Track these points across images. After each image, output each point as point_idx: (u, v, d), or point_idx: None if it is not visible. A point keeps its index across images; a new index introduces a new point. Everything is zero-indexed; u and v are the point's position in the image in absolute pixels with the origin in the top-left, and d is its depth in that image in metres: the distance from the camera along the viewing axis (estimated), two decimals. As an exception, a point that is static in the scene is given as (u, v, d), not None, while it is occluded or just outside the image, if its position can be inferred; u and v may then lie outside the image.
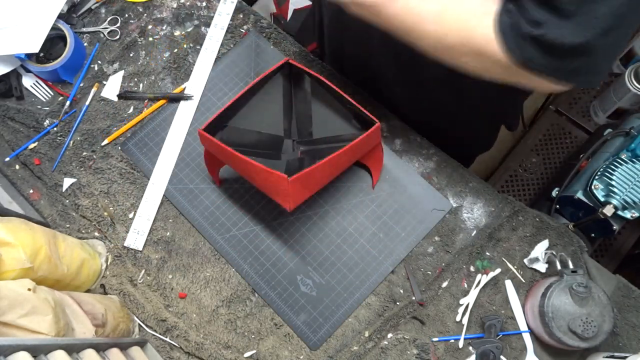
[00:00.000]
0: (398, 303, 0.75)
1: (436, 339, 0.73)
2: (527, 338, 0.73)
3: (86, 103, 0.85)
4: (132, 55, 0.88)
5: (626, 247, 1.24)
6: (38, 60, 0.85)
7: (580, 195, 0.99)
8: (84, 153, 0.83)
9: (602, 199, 0.94)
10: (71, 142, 0.84)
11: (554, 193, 1.06)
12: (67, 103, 0.85)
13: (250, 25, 0.89)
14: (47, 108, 0.85)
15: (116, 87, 0.86)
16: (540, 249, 0.76)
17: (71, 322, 0.58)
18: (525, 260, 0.76)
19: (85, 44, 0.88)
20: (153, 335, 0.75)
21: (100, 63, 0.88)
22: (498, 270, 0.76)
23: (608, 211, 0.91)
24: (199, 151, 0.82)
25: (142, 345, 0.71)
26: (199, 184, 0.81)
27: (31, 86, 0.86)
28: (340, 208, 0.79)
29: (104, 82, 0.87)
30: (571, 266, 0.72)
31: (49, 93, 0.86)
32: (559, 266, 0.73)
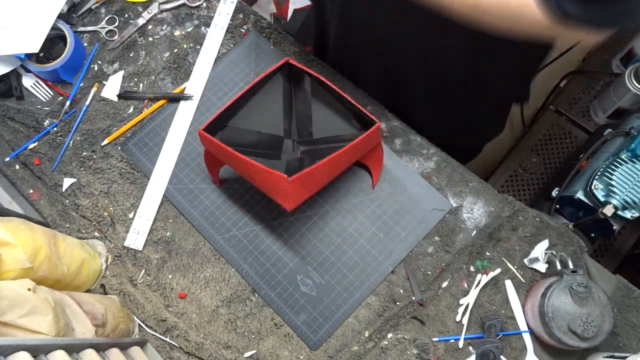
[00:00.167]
0: (398, 303, 0.75)
1: (436, 339, 0.73)
2: (527, 338, 0.73)
3: (86, 103, 0.85)
4: (132, 55, 0.88)
5: (626, 247, 1.24)
6: (38, 60, 0.85)
7: (580, 195, 0.99)
8: (84, 153, 0.83)
9: (602, 199, 0.94)
10: (71, 142, 0.84)
11: (554, 193, 1.06)
12: (67, 103, 0.85)
13: (250, 25, 0.89)
14: (47, 108, 0.85)
15: (116, 87, 0.86)
16: (540, 249, 0.76)
17: (71, 322, 0.58)
18: (525, 260, 0.76)
19: (85, 44, 0.88)
20: (153, 335, 0.75)
21: (100, 63, 0.88)
22: (498, 270, 0.76)
23: (608, 211, 0.91)
24: (199, 151, 0.82)
25: (142, 345, 0.71)
26: (199, 184, 0.81)
27: (31, 86, 0.86)
28: (340, 208, 0.79)
29: (104, 82, 0.87)
30: (571, 266, 0.72)
31: (49, 93, 0.86)
32: (559, 266, 0.73)
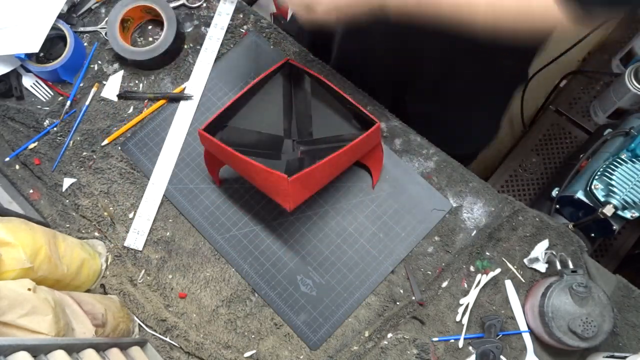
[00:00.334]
0: (398, 303, 0.75)
1: (436, 339, 0.73)
2: (527, 338, 0.73)
3: (86, 103, 0.85)
4: (132, 55, 0.88)
5: (626, 247, 1.24)
6: (38, 60, 0.85)
7: (580, 195, 0.99)
8: (84, 153, 0.83)
9: (602, 199, 0.94)
10: (71, 142, 0.84)
11: (554, 193, 1.06)
12: (67, 103, 0.85)
13: (250, 25, 0.89)
14: (47, 108, 0.85)
15: (116, 87, 0.86)
16: (540, 249, 0.76)
17: (71, 322, 0.58)
18: (525, 260, 0.76)
19: (85, 44, 0.88)
20: (153, 335, 0.75)
21: (100, 63, 0.88)
22: (498, 270, 0.76)
23: (608, 211, 0.91)
24: (199, 151, 0.82)
25: (142, 345, 0.71)
26: (199, 184, 0.81)
27: (31, 86, 0.86)
28: (340, 208, 0.79)
29: (104, 82, 0.87)
30: (571, 266, 0.72)
31: (49, 93, 0.86)
32: (559, 266, 0.73)
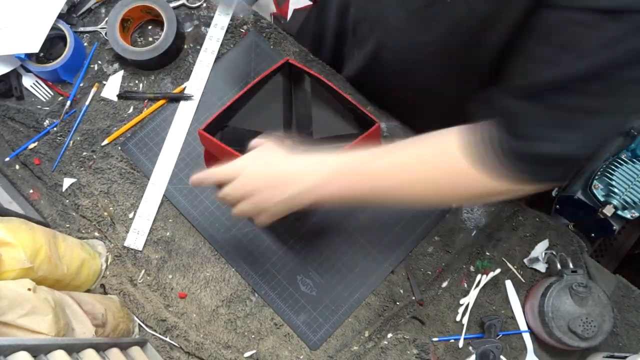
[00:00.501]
0: (398, 303, 0.75)
1: (436, 339, 0.73)
2: (527, 338, 0.73)
3: (86, 103, 0.85)
4: (132, 55, 0.88)
5: (626, 247, 1.24)
6: (38, 60, 0.85)
7: (580, 195, 0.99)
8: (84, 153, 0.83)
9: (602, 199, 0.94)
10: (71, 142, 0.84)
11: (554, 193, 1.06)
12: (67, 103, 0.85)
13: (250, 25, 0.89)
14: (47, 108, 0.85)
15: (116, 87, 0.86)
16: (540, 249, 0.76)
17: (71, 322, 0.58)
18: (525, 260, 0.76)
19: (85, 44, 0.88)
20: (153, 335, 0.75)
21: (100, 63, 0.88)
22: (498, 270, 0.76)
23: (608, 211, 0.91)
24: (199, 151, 0.82)
25: (142, 345, 0.71)
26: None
27: (31, 86, 0.86)
28: (340, 208, 0.79)
29: (104, 82, 0.86)
30: (571, 266, 0.72)
31: (49, 93, 0.86)
32: (559, 266, 0.73)
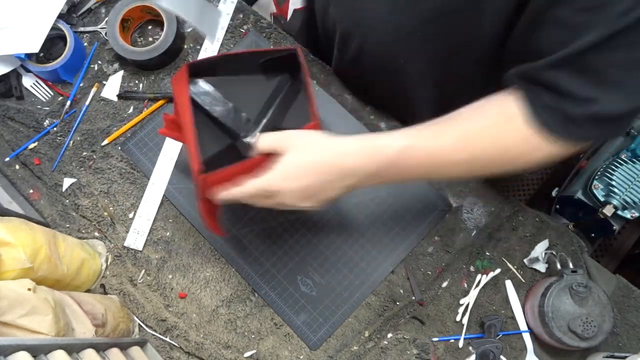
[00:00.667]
0: (398, 303, 0.75)
1: (436, 339, 0.73)
2: (527, 338, 0.73)
3: (86, 103, 0.85)
4: (132, 55, 0.88)
5: (626, 247, 1.24)
6: (38, 60, 0.85)
7: (580, 195, 0.99)
8: (84, 153, 0.83)
9: (602, 199, 0.94)
10: (71, 142, 0.84)
11: (554, 193, 1.06)
12: (67, 103, 0.85)
13: (250, 25, 0.89)
14: (47, 108, 0.85)
15: (116, 87, 0.86)
16: (540, 249, 0.76)
17: (71, 322, 0.58)
18: (525, 260, 0.76)
19: (85, 44, 0.88)
20: (153, 335, 0.75)
21: (100, 63, 0.88)
22: (498, 270, 0.76)
23: (608, 211, 0.91)
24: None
25: (142, 345, 0.71)
26: (199, 184, 0.81)
27: (31, 86, 0.86)
28: (340, 208, 0.79)
29: (104, 82, 0.87)
30: (571, 266, 0.72)
31: (49, 93, 0.86)
32: (559, 266, 0.73)
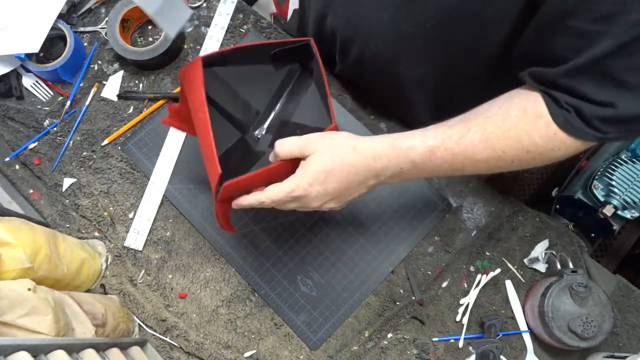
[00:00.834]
0: (398, 303, 0.75)
1: (436, 339, 0.73)
2: (527, 338, 0.73)
3: (86, 103, 0.85)
4: (132, 55, 0.88)
5: (626, 247, 1.24)
6: (38, 60, 0.85)
7: (580, 195, 0.99)
8: (84, 153, 0.83)
9: (602, 199, 0.94)
10: (71, 142, 0.84)
11: (554, 193, 1.06)
12: (67, 103, 0.85)
13: (250, 25, 0.89)
14: (47, 108, 0.85)
15: (116, 87, 0.86)
16: (540, 249, 0.76)
17: (71, 322, 0.58)
18: (525, 260, 0.76)
19: (85, 44, 0.88)
20: (153, 335, 0.75)
21: (100, 63, 0.88)
22: (498, 270, 0.76)
23: (608, 211, 0.91)
24: (199, 151, 0.82)
25: (142, 345, 0.71)
26: (199, 184, 0.81)
27: (31, 86, 0.86)
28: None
29: (104, 82, 0.87)
30: (571, 266, 0.72)
31: (49, 93, 0.86)
32: (559, 266, 0.73)
